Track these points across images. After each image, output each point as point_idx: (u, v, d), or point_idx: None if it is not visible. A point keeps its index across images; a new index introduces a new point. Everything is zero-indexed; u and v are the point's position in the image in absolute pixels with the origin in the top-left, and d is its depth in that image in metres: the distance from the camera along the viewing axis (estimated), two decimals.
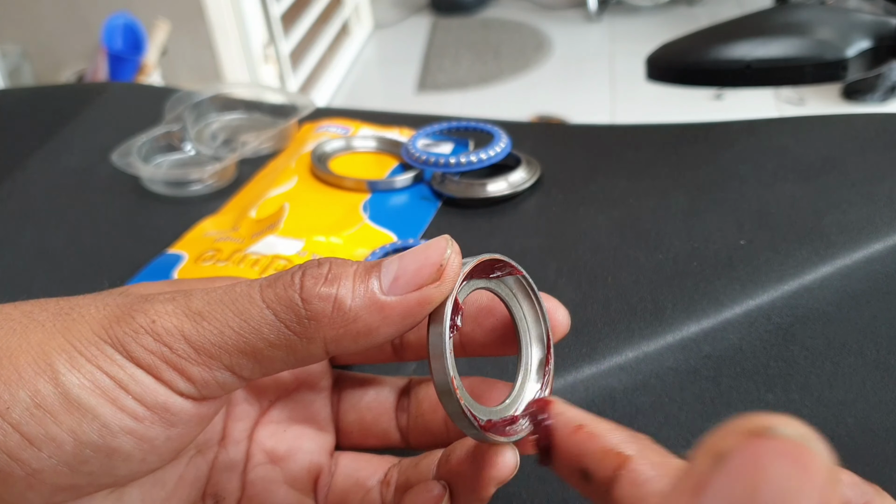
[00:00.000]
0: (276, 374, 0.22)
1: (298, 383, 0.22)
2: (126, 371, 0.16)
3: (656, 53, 0.44)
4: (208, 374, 0.17)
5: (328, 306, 0.17)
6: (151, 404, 0.17)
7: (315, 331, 0.17)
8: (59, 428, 0.16)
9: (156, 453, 0.17)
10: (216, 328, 0.17)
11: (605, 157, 0.42)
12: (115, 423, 0.16)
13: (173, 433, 0.17)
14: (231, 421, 0.22)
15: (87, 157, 0.48)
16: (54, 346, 0.17)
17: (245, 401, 0.22)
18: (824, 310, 0.30)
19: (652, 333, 0.29)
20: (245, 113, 0.50)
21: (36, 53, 1.66)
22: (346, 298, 0.17)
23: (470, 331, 0.21)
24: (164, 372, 0.17)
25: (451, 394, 0.17)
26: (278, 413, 0.22)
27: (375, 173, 0.43)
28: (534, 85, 2.00)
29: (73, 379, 0.16)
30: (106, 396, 0.16)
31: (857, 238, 0.32)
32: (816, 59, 0.40)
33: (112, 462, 0.17)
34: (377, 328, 0.17)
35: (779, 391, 0.30)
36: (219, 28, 1.61)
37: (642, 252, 0.33)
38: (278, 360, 0.17)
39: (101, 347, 0.17)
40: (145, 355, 0.17)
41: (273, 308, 0.17)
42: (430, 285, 0.17)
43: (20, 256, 0.40)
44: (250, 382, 0.22)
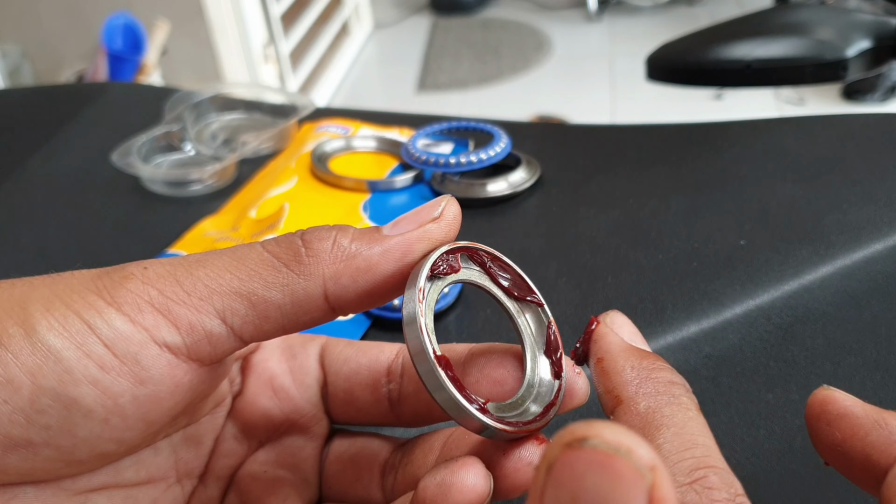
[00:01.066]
0: (267, 412, 0.20)
1: (290, 424, 0.21)
2: (103, 315, 0.15)
3: (656, 53, 0.44)
4: (195, 318, 0.16)
5: (328, 244, 0.17)
6: (122, 353, 0.15)
7: (314, 266, 0.16)
8: (18, 369, 0.15)
9: (120, 414, 0.16)
10: (212, 271, 0.16)
11: (605, 157, 0.42)
12: (77, 369, 0.15)
13: (141, 393, 0.16)
14: (216, 456, 0.20)
15: (86, 156, 0.48)
16: (35, 295, 0.16)
17: (234, 438, 0.21)
18: (824, 310, 0.30)
19: (652, 333, 0.29)
20: (245, 113, 0.50)
21: (36, 53, 1.66)
22: (345, 238, 0.17)
23: (475, 382, 0.19)
24: (146, 315, 0.16)
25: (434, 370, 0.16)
26: (265, 454, 0.21)
27: (375, 173, 0.43)
28: (534, 85, 2.00)
29: (44, 321, 0.15)
30: (73, 340, 0.15)
31: (857, 238, 0.32)
32: (816, 59, 0.40)
33: (71, 416, 0.15)
34: (377, 263, 0.17)
35: (779, 391, 0.30)
36: (219, 28, 1.61)
37: (642, 252, 0.33)
38: (274, 305, 0.16)
39: (83, 294, 0.16)
40: (129, 297, 0.16)
41: (272, 251, 0.16)
42: (429, 223, 0.17)
43: (20, 256, 0.40)
44: (238, 416, 0.20)
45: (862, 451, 0.16)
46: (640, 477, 0.10)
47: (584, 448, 0.10)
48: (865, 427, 0.16)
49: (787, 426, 0.30)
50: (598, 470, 0.10)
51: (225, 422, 0.21)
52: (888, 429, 0.16)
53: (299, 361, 0.21)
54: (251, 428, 0.21)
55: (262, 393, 0.21)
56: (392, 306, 0.31)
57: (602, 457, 0.10)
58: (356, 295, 0.17)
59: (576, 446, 0.10)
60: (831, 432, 0.17)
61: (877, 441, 0.16)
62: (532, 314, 0.19)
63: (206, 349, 0.16)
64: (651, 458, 0.10)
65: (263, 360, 0.21)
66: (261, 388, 0.21)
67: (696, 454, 0.14)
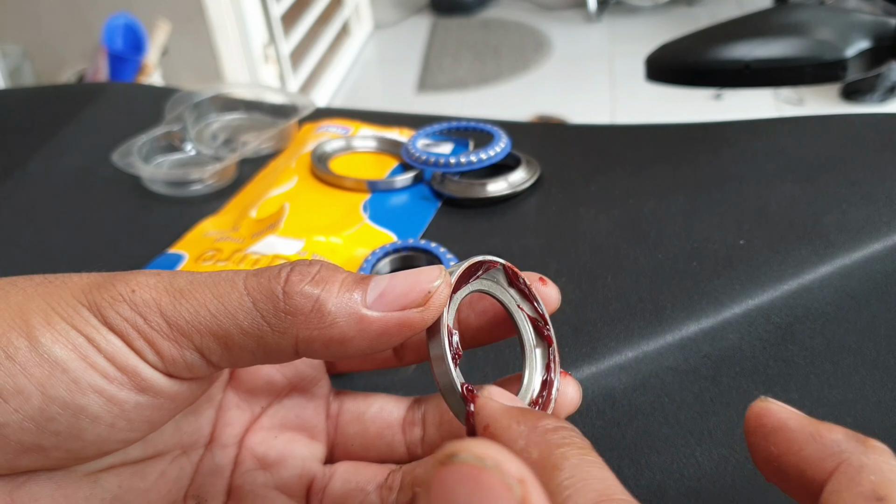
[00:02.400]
0: (269, 378, 0.21)
1: (291, 388, 0.22)
2: (99, 332, 0.16)
3: (656, 54, 0.44)
4: (177, 352, 0.17)
5: (308, 304, 0.17)
6: (122, 366, 0.16)
7: (290, 326, 0.17)
8: (27, 380, 0.16)
9: (125, 418, 0.17)
10: (192, 306, 0.17)
11: (604, 157, 0.42)
12: (84, 380, 0.16)
13: (143, 401, 0.17)
14: (220, 425, 0.21)
15: (87, 156, 0.48)
16: (32, 307, 0.17)
17: (236, 406, 0.21)
18: (823, 309, 0.30)
19: (651, 333, 0.29)
20: (245, 113, 0.50)
21: (37, 53, 1.67)
22: (327, 301, 0.17)
23: (464, 317, 0.21)
24: (134, 340, 0.17)
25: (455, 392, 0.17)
26: (270, 419, 0.22)
27: (375, 173, 0.43)
28: (534, 85, 2.00)
29: (47, 334, 0.16)
30: (77, 352, 0.16)
31: (856, 238, 0.32)
32: (816, 59, 0.40)
33: (79, 422, 0.16)
34: (351, 339, 0.17)
35: (778, 391, 0.30)
36: (219, 28, 1.61)
37: (642, 252, 0.33)
38: (247, 351, 0.17)
39: (78, 309, 0.17)
40: (119, 322, 0.16)
41: (253, 296, 0.17)
42: (414, 308, 0.17)
43: (21, 256, 0.40)
44: (240, 384, 0.21)
45: (797, 465, 0.16)
46: (508, 489, 0.11)
47: (454, 463, 0.11)
48: (800, 441, 0.16)
49: None
50: (468, 483, 0.11)
51: (225, 392, 0.21)
52: (822, 442, 0.15)
53: None
54: (254, 395, 0.22)
55: None
56: None
57: (471, 470, 0.11)
58: (325, 357, 0.18)
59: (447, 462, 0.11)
60: (767, 446, 0.16)
61: (811, 455, 0.15)
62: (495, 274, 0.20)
63: (187, 374, 0.17)
64: (519, 470, 0.11)
65: None
66: None
67: (596, 487, 0.14)
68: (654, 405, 0.28)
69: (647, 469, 0.28)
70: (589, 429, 0.28)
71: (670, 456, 0.28)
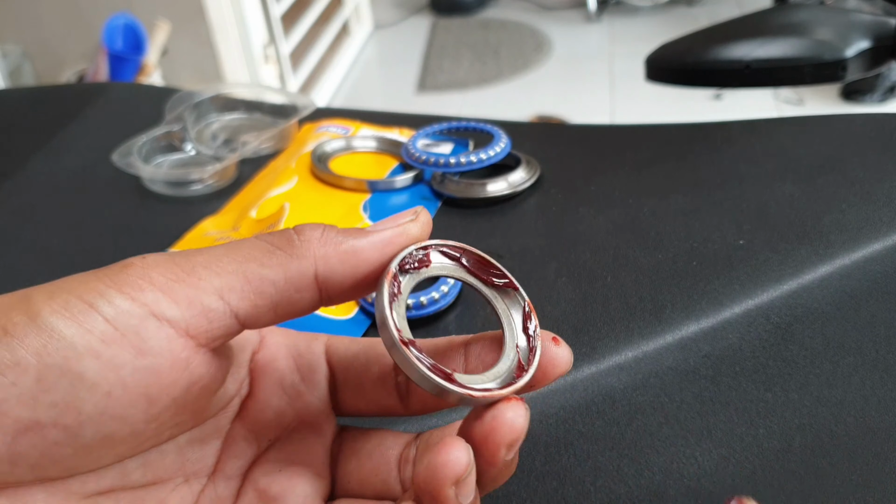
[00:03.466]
0: (279, 410, 0.21)
1: (299, 422, 0.22)
2: (103, 296, 0.16)
3: (655, 54, 0.45)
4: (194, 294, 0.17)
5: (318, 232, 0.18)
6: (122, 327, 0.16)
7: (305, 248, 0.18)
8: (24, 351, 0.16)
9: (122, 385, 0.16)
10: (210, 256, 0.17)
11: (604, 157, 0.42)
12: (81, 344, 0.16)
13: (142, 365, 0.16)
14: (226, 457, 0.21)
15: (87, 156, 0.48)
16: (38, 290, 0.17)
17: (244, 438, 0.21)
18: (823, 309, 0.30)
19: (651, 333, 0.29)
20: (245, 113, 0.50)
21: (37, 53, 1.67)
22: (332, 229, 0.19)
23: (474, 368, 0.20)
24: (146, 293, 0.16)
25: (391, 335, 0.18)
26: (276, 453, 0.21)
27: (375, 173, 0.43)
28: (533, 85, 2.00)
29: (46, 307, 0.16)
30: (75, 318, 0.16)
31: (855, 238, 0.32)
32: (815, 59, 0.40)
33: (76, 391, 0.16)
34: (363, 249, 0.18)
35: (778, 391, 0.30)
36: (219, 28, 1.61)
37: (642, 252, 0.33)
38: (268, 281, 0.17)
39: (84, 281, 0.17)
40: (129, 279, 0.17)
41: (266, 239, 0.18)
42: (406, 221, 0.19)
43: (21, 256, 0.40)
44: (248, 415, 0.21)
45: None
46: None
47: None
48: None
49: (786, 425, 0.30)
50: None
51: (233, 423, 0.21)
52: None
53: (307, 360, 0.22)
54: (262, 428, 0.21)
55: (272, 393, 0.21)
56: None
57: None
58: (343, 278, 0.18)
59: None
60: None
61: None
62: (509, 298, 0.20)
63: (204, 325, 0.17)
64: None
65: (271, 361, 0.22)
66: (271, 388, 0.21)
67: None
68: (654, 405, 0.28)
69: (646, 468, 0.28)
70: (589, 428, 0.28)
71: (670, 455, 0.28)
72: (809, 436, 0.30)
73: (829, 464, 0.30)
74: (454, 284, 0.32)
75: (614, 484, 0.27)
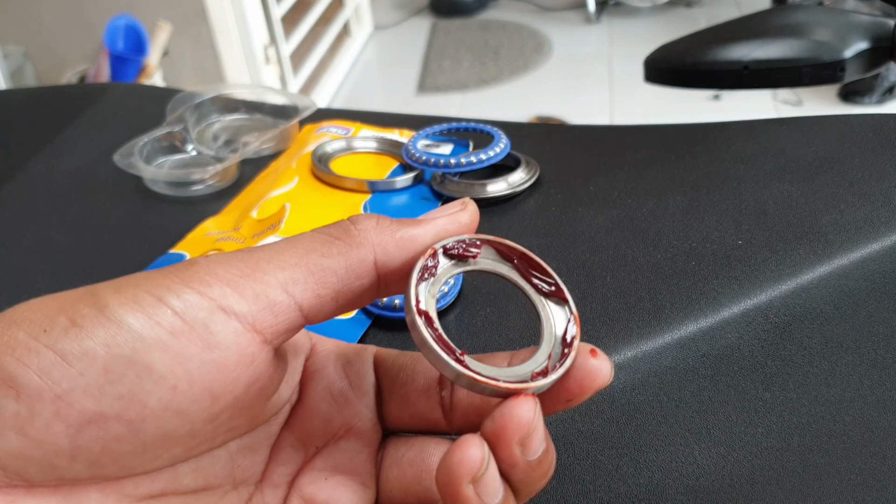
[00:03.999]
0: (327, 417, 0.21)
1: (346, 430, 0.21)
2: (172, 290, 0.17)
3: (654, 55, 0.45)
4: (260, 288, 0.17)
5: (373, 221, 0.19)
6: (191, 320, 0.16)
7: (363, 237, 0.19)
8: (92, 341, 0.16)
9: (188, 380, 0.16)
10: (271, 252, 0.18)
11: (603, 157, 0.43)
12: (149, 336, 0.16)
13: (209, 358, 0.17)
14: (273, 464, 0.21)
15: (89, 157, 0.48)
16: (104, 285, 0.17)
17: (291, 446, 0.21)
18: (821, 309, 0.31)
19: (650, 332, 0.29)
20: (246, 114, 0.50)
21: (38, 54, 1.67)
22: (385, 219, 0.19)
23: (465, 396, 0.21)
24: (214, 288, 0.17)
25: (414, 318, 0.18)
26: (322, 461, 0.21)
27: (376, 174, 0.43)
28: (533, 86, 2.01)
29: (114, 300, 0.16)
30: (144, 311, 0.16)
31: (854, 237, 0.32)
32: (814, 60, 0.40)
33: (142, 384, 0.16)
34: (417, 235, 0.19)
35: (776, 390, 0.30)
36: (220, 29, 1.61)
37: (641, 251, 0.34)
38: (330, 270, 0.18)
39: (150, 277, 0.17)
40: (196, 275, 0.17)
41: (324, 231, 0.19)
42: (457, 209, 0.20)
43: (23, 257, 0.40)
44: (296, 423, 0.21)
45: None
46: None
47: None
48: None
49: (785, 424, 0.30)
50: None
51: (281, 430, 0.21)
52: None
53: (356, 368, 0.22)
54: (309, 435, 0.21)
55: (321, 399, 0.21)
56: (393, 306, 0.32)
57: None
58: (400, 264, 0.19)
59: None
60: None
61: None
62: (556, 306, 0.20)
63: (270, 319, 0.17)
64: None
65: (321, 368, 0.22)
66: (320, 394, 0.22)
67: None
68: (653, 404, 0.28)
69: (645, 467, 0.28)
70: (588, 427, 0.28)
71: (669, 454, 0.28)
72: (808, 435, 0.30)
73: (828, 462, 0.31)
74: (454, 284, 0.32)
75: (613, 482, 0.28)
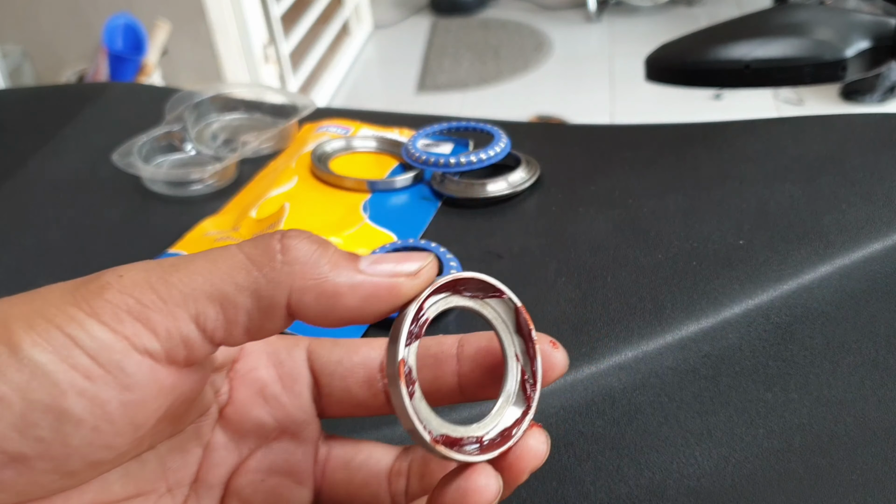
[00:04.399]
0: (259, 419, 0.21)
1: (281, 431, 0.21)
2: (84, 327, 0.16)
3: (655, 54, 0.45)
4: (172, 324, 0.16)
5: (305, 255, 0.17)
6: (105, 362, 0.16)
7: (285, 277, 0.17)
8: (7, 387, 0.15)
9: (108, 420, 0.16)
10: (186, 275, 0.17)
11: (604, 157, 0.42)
12: (65, 381, 0.16)
13: (127, 399, 0.16)
14: (207, 465, 0.21)
15: (87, 157, 0.48)
16: (15, 314, 0.16)
17: (224, 447, 0.21)
18: (823, 309, 0.30)
19: (651, 333, 0.29)
20: (245, 113, 0.50)
21: (37, 53, 1.67)
22: (323, 255, 0.17)
23: (469, 371, 0.21)
24: (126, 325, 0.16)
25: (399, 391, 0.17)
26: (258, 462, 0.21)
27: (375, 173, 0.43)
28: (533, 85, 2.00)
29: (27, 339, 0.16)
30: (58, 353, 0.16)
31: (855, 238, 0.32)
32: (815, 59, 0.40)
33: (62, 427, 0.16)
34: (343, 294, 0.17)
35: (777, 390, 0.30)
36: (219, 28, 1.61)
37: (641, 251, 0.34)
38: (241, 308, 0.17)
39: (63, 308, 0.16)
40: (108, 307, 0.16)
41: (249, 254, 0.17)
42: (404, 276, 0.18)
43: (21, 256, 0.40)
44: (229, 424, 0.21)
45: None
46: None
47: None
48: None
49: (786, 425, 0.30)
50: None
51: (214, 431, 0.21)
52: None
53: (287, 368, 0.22)
54: (243, 436, 0.21)
55: (252, 402, 0.21)
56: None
57: None
58: (314, 314, 0.17)
59: None
60: None
61: None
62: (501, 305, 0.19)
63: (182, 352, 0.17)
64: None
65: (252, 370, 0.22)
66: (251, 396, 0.21)
67: None
68: (654, 404, 0.28)
69: (646, 468, 0.28)
70: (589, 428, 0.28)
71: (670, 455, 0.28)
72: (809, 435, 0.30)
73: (829, 463, 0.30)
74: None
75: (614, 483, 0.28)
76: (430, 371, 0.21)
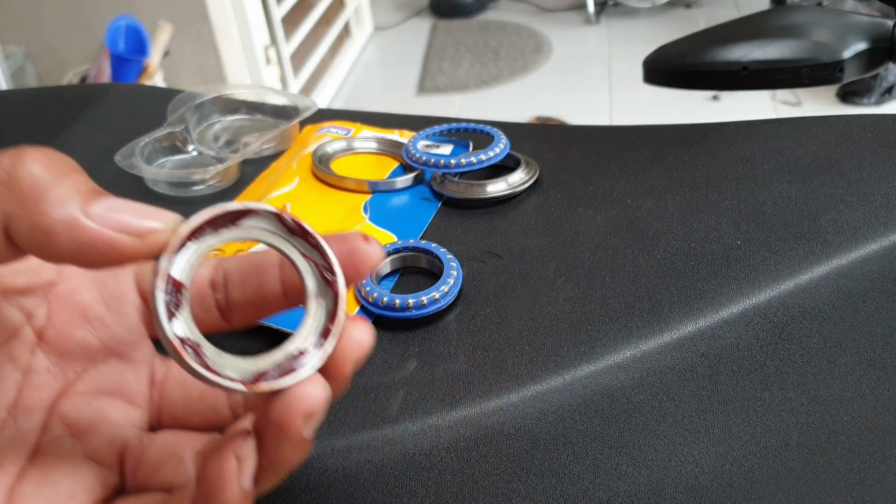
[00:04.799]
0: (84, 341, 0.20)
1: (108, 352, 0.21)
2: None
3: (653, 56, 0.45)
4: None
5: (29, 181, 0.15)
6: None
7: (1, 200, 0.15)
8: None
9: None
10: None
11: (603, 157, 0.43)
12: None
13: None
14: (28, 389, 0.20)
15: (90, 157, 0.48)
16: None
17: (47, 370, 0.20)
18: (820, 308, 0.31)
19: (649, 332, 0.29)
20: (247, 114, 0.50)
21: (39, 55, 1.67)
22: (50, 188, 0.15)
23: (239, 296, 0.20)
24: None
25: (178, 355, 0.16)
26: (85, 385, 0.20)
27: (376, 174, 0.43)
28: (533, 86, 2.01)
29: None
30: None
31: (852, 238, 0.32)
32: (813, 60, 0.40)
33: None
34: (57, 234, 0.15)
35: (775, 389, 0.30)
36: (221, 30, 1.62)
37: (640, 251, 0.34)
38: None
39: None
40: None
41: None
42: (130, 235, 0.16)
43: None
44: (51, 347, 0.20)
45: None
46: None
47: None
48: None
49: (784, 423, 0.30)
50: None
51: (35, 355, 0.20)
52: None
53: (111, 290, 0.21)
54: (67, 359, 0.21)
55: (75, 324, 0.21)
56: (393, 305, 0.32)
57: None
58: (29, 247, 0.16)
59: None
60: None
61: None
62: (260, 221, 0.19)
63: None
64: None
65: (73, 292, 0.21)
66: (73, 319, 0.21)
67: None
68: (652, 403, 0.28)
69: (645, 466, 0.28)
70: (587, 426, 0.28)
71: (668, 453, 0.28)
72: (806, 434, 0.30)
73: (826, 461, 0.31)
74: (454, 284, 0.33)
75: (612, 482, 0.28)
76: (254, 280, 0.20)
